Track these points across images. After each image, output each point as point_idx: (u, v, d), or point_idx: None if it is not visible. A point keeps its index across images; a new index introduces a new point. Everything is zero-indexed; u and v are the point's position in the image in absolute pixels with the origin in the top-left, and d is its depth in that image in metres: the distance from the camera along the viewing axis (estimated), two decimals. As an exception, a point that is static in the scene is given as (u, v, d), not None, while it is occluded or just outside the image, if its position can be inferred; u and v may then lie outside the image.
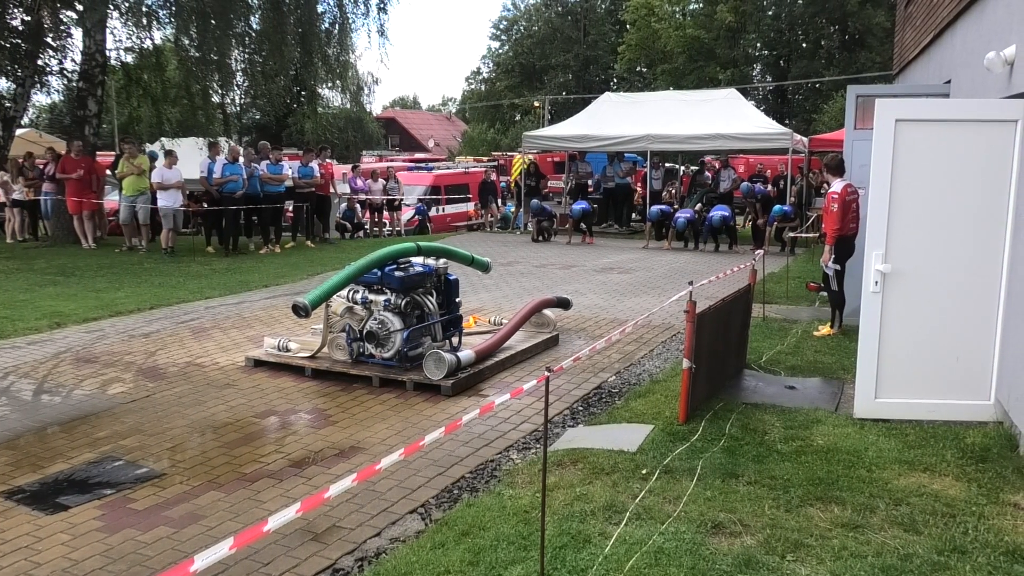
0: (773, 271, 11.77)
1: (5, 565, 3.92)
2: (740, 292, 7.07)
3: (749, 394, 6.41)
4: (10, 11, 16.16)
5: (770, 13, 45.12)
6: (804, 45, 45.80)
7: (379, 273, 7.10)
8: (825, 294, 9.90)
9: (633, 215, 20.97)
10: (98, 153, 17.38)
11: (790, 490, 4.53)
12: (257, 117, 45.80)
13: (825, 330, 8.44)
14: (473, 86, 65.21)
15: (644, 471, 4.83)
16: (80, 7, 16.28)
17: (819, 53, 44.95)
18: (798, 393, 6.47)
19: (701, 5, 47.38)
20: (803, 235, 15.64)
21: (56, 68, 17.67)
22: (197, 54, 17.56)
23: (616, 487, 4.62)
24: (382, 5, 19.49)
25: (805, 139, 19.11)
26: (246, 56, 19.57)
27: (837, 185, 8.11)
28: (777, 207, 16.07)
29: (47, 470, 5.10)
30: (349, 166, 19.74)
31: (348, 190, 19.22)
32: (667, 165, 22.49)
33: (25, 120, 20.42)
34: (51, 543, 4.16)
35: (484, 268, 8.69)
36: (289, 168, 16.05)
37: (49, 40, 16.95)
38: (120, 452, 5.40)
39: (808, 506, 4.36)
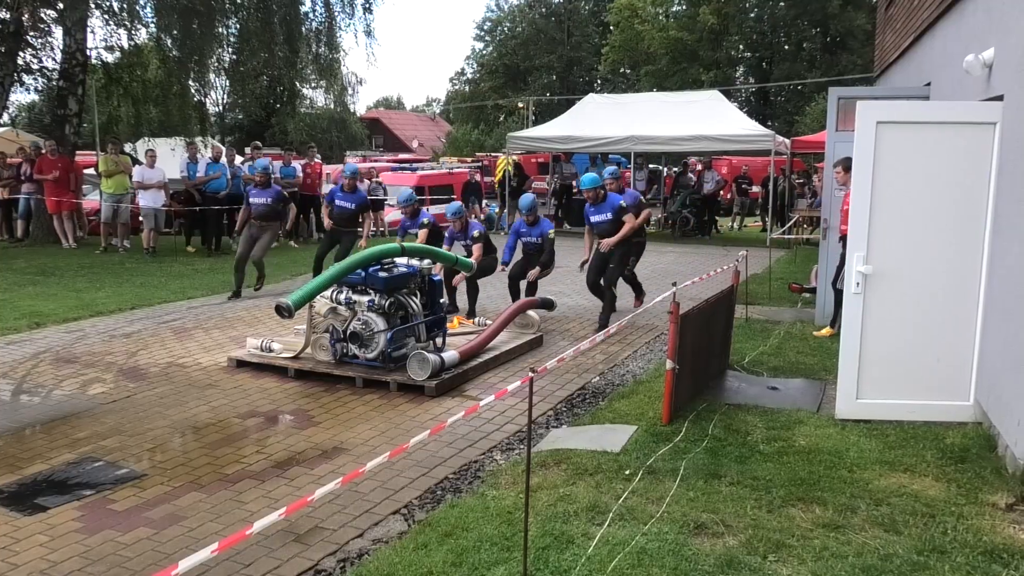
0: (756, 272, 11.83)
1: (-18, 567, 3.89)
2: (723, 293, 7.10)
3: (732, 395, 6.44)
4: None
5: (752, 15, 45.35)
6: (786, 47, 46.07)
7: (363, 274, 7.08)
8: (808, 295, 9.99)
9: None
10: (78, 152, 17.22)
11: (772, 491, 4.56)
12: (240, 117, 45.53)
13: (826, 331, 8.42)
14: (457, 87, 65.16)
15: (627, 472, 4.84)
16: (61, 5, 16.13)
17: (801, 55, 45.22)
18: (780, 394, 6.50)
19: (684, 7, 47.53)
20: (786, 236, 15.76)
21: (36, 67, 17.52)
22: (179, 54, 17.46)
23: (599, 488, 4.63)
24: (367, 5, 19.42)
25: (787, 141, 19.25)
26: (229, 56, 19.49)
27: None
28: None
29: (25, 471, 5.05)
30: (340, 166, 19.66)
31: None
32: (651, 166, 22.58)
33: (4, 119, 20.19)
34: (29, 544, 4.12)
35: (468, 269, 8.68)
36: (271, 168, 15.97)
37: (29, 38, 16.78)
38: (100, 453, 5.35)
39: (790, 506, 4.39)
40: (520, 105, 50.05)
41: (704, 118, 17.92)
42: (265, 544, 4.11)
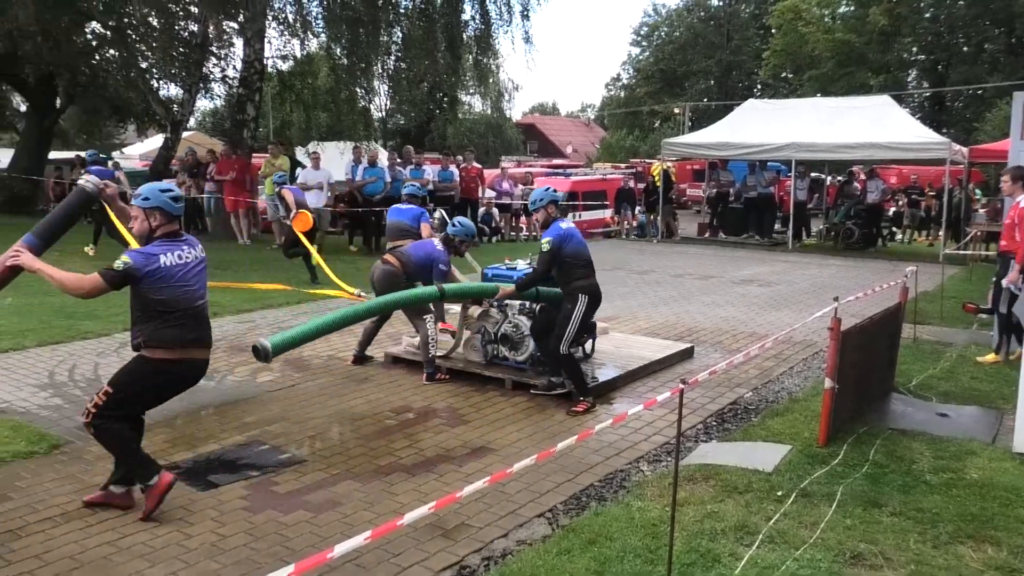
0: (927, 290, 11.12)
1: (161, 534, 4.22)
2: (889, 310, 6.71)
3: (896, 419, 6.07)
4: (179, 23, 17.41)
5: (927, 15, 42.59)
6: (965, 49, 42.93)
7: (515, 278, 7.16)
8: (984, 316, 9.27)
9: (776, 226, 20.28)
10: (254, 155, 18.43)
11: (938, 525, 4.26)
12: (402, 122, 47.29)
13: (990, 357, 7.82)
14: (612, 92, 64.90)
15: (779, 493, 4.66)
16: (242, 18, 17.33)
17: (982, 57, 41.99)
18: (951, 421, 6.07)
19: (852, 8, 45.26)
20: (962, 251, 14.73)
21: (219, 75, 18.95)
22: (346, 62, 18.36)
23: (749, 507, 4.48)
24: (525, 12, 19.70)
25: (965, 149, 17.96)
26: (393, 63, 20.31)
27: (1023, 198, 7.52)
28: None
29: (200, 449, 5.44)
30: (498, 169, 20.09)
31: (492, 193, 19.44)
32: (812, 175, 21.66)
33: (192, 123, 21.95)
34: (201, 517, 4.44)
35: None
36: (430, 172, 16.54)
37: (213, 49, 18.13)
38: (266, 437, 5.69)
39: (958, 544, 4.09)
40: (676, 111, 49.23)
41: (872, 124, 17.00)
42: (413, 536, 4.24)
